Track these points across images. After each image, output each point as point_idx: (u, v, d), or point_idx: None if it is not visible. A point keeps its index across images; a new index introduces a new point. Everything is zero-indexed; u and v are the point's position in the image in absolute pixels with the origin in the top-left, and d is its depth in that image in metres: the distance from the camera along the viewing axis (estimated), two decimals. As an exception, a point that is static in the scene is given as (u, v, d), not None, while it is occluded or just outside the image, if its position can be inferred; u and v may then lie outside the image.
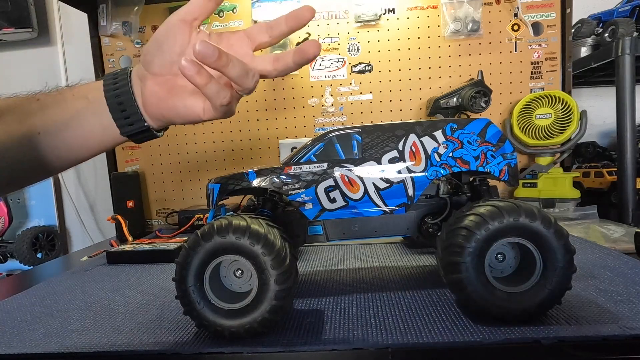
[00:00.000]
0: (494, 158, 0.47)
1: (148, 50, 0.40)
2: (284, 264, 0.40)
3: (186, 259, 0.40)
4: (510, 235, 0.40)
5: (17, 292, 0.63)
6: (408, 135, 0.47)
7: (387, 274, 0.61)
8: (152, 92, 0.41)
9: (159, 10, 1.14)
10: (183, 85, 0.41)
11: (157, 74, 0.41)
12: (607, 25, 1.01)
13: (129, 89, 0.41)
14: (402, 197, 0.47)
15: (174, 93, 0.41)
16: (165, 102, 0.41)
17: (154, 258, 0.76)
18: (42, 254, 1.33)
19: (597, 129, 1.29)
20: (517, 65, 1.08)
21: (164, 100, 0.41)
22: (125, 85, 0.41)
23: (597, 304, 0.44)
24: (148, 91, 0.41)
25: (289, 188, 0.47)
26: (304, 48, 0.39)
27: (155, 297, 0.56)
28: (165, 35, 0.40)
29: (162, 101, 0.41)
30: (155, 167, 1.19)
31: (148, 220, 1.20)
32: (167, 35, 0.39)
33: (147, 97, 0.41)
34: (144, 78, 0.41)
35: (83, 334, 0.45)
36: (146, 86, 0.41)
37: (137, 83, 0.41)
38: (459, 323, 0.42)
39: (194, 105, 0.41)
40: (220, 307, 0.41)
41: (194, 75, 0.36)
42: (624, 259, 0.59)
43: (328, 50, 1.12)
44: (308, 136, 1.14)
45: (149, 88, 0.41)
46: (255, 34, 0.42)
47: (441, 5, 1.07)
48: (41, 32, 1.38)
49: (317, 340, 0.40)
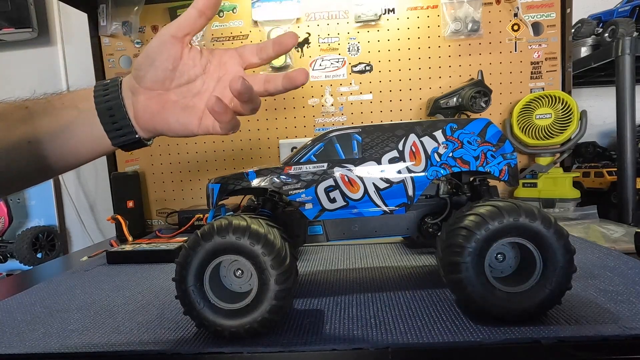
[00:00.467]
0: (494, 158, 0.47)
1: (140, 65, 0.40)
2: (284, 264, 0.40)
3: (186, 259, 0.40)
4: (510, 235, 0.40)
5: (17, 292, 0.63)
6: (408, 135, 0.47)
7: (387, 274, 0.61)
8: (145, 106, 0.41)
9: (159, 10, 1.14)
10: (175, 101, 0.41)
11: (149, 88, 0.41)
12: (607, 25, 1.01)
13: (120, 101, 0.41)
14: (402, 197, 0.47)
15: (167, 108, 0.41)
16: (158, 116, 0.41)
17: (154, 258, 0.76)
18: (42, 254, 1.33)
19: (597, 129, 1.29)
20: (517, 65, 1.08)
21: (157, 115, 0.41)
22: (117, 98, 0.41)
23: (597, 304, 0.44)
24: (141, 105, 0.41)
25: (289, 188, 0.47)
26: (293, 75, 0.41)
27: (155, 297, 0.56)
28: (158, 51, 0.40)
29: (155, 116, 0.41)
30: (155, 167, 1.19)
31: (148, 220, 1.20)
32: (159, 51, 0.40)
33: (140, 111, 0.41)
34: (136, 91, 0.41)
35: (83, 334, 0.45)
36: (138, 100, 0.41)
37: (128, 95, 0.42)
38: (459, 323, 0.42)
39: (188, 121, 0.42)
40: (220, 307, 0.41)
41: (222, 113, 0.38)
42: (624, 259, 0.59)
43: (328, 50, 1.12)
44: (308, 136, 1.14)
45: (142, 102, 0.41)
46: (247, 54, 0.43)
47: (441, 5, 1.07)
48: (41, 32, 1.38)
49: (317, 340, 0.40)
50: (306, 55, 1.12)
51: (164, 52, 0.40)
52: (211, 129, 0.42)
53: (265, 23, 1.10)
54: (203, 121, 0.42)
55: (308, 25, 1.11)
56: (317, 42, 1.11)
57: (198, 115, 0.42)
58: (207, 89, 0.42)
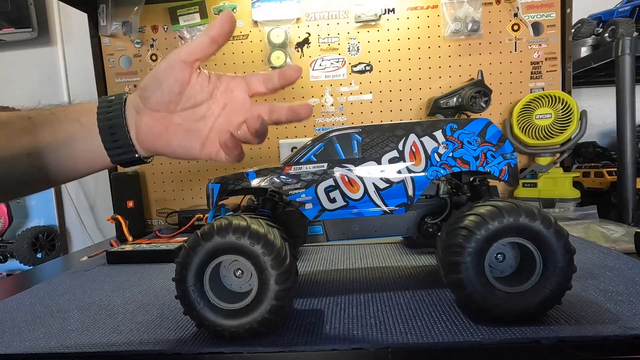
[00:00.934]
0: (494, 158, 0.47)
1: (146, 86, 0.40)
2: (284, 264, 0.40)
3: (186, 259, 0.40)
4: (510, 235, 0.40)
5: (17, 292, 0.63)
6: (408, 135, 0.47)
7: (387, 274, 0.61)
8: (148, 127, 0.41)
9: (159, 10, 1.14)
10: (179, 124, 0.41)
11: (154, 109, 0.41)
12: (607, 25, 1.01)
13: (123, 120, 0.41)
14: (402, 197, 0.47)
15: (170, 131, 0.41)
16: (161, 138, 0.41)
17: (154, 258, 0.76)
18: (42, 254, 1.33)
19: (597, 129, 1.29)
20: (517, 65, 1.08)
21: (160, 136, 0.41)
22: (120, 116, 0.41)
23: (597, 304, 0.44)
24: (144, 126, 0.41)
25: (289, 188, 0.47)
26: (298, 110, 0.42)
27: (155, 297, 0.56)
28: (166, 75, 0.40)
29: (157, 138, 0.41)
30: (155, 167, 1.19)
31: (148, 220, 1.20)
32: (167, 74, 0.40)
33: (143, 132, 0.41)
34: (140, 111, 0.41)
35: (83, 334, 0.45)
36: (142, 120, 0.41)
37: (131, 114, 0.41)
38: (459, 323, 0.42)
39: (190, 145, 0.42)
40: (220, 307, 0.41)
41: (233, 148, 0.39)
42: (624, 259, 0.59)
43: (328, 50, 1.12)
44: (308, 136, 1.14)
45: (146, 123, 0.41)
46: (255, 83, 0.43)
47: (441, 5, 1.07)
48: (41, 32, 1.38)
49: (317, 340, 0.40)
50: (306, 55, 1.12)
51: (171, 76, 0.40)
52: (214, 156, 0.42)
53: (265, 23, 1.10)
54: (206, 147, 0.42)
55: (308, 25, 1.11)
56: (317, 42, 1.11)
57: (201, 140, 0.42)
58: (212, 114, 0.42)
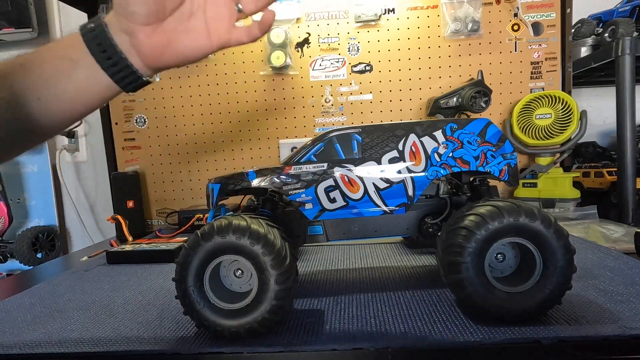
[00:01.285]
0: (494, 158, 0.47)
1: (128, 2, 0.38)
2: (284, 264, 0.40)
3: (186, 259, 0.40)
4: (510, 235, 0.40)
5: (17, 292, 0.62)
6: (408, 135, 0.47)
7: (387, 274, 0.61)
8: (150, 45, 0.39)
9: (159, 10, 1.14)
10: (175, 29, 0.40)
11: (145, 23, 0.39)
12: (607, 25, 1.01)
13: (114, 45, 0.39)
14: (402, 197, 0.47)
15: (173, 39, 0.40)
16: (168, 50, 0.40)
17: (154, 258, 0.76)
18: (42, 254, 1.33)
19: (597, 129, 1.29)
20: (517, 65, 1.08)
21: (166, 48, 0.40)
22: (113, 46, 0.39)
23: (597, 304, 0.44)
24: (145, 46, 0.39)
25: (289, 188, 0.47)
26: None
27: (155, 297, 0.56)
28: None
29: (164, 51, 0.40)
30: (155, 167, 1.19)
31: (148, 220, 1.20)
32: None
33: (147, 51, 0.40)
34: (133, 32, 0.39)
35: (83, 334, 0.45)
36: (139, 40, 0.39)
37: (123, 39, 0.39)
38: (459, 323, 0.42)
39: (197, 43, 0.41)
40: (221, 307, 0.41)
41: None
42: (624, 259, 0.59)
43: (328, 50, 1.12)
44: (308, 136, 1.14)
45: (144, 42, 0.39)
46: None
47: (441, 5, 1.07)
48: (41, 32, 1.38)
49: (317, 340, 0.40)
50: (306, 55, 1.12)
51: None
52: (227, 41, 0.41)
53: (265, 23, 1.10)
54: (213, 37, 0.41)
55: (308, 25, 1.11)
56: (317, 42, 1.11)
57: (204, 34, 0.41)
58: (198, 6, 0.41)
